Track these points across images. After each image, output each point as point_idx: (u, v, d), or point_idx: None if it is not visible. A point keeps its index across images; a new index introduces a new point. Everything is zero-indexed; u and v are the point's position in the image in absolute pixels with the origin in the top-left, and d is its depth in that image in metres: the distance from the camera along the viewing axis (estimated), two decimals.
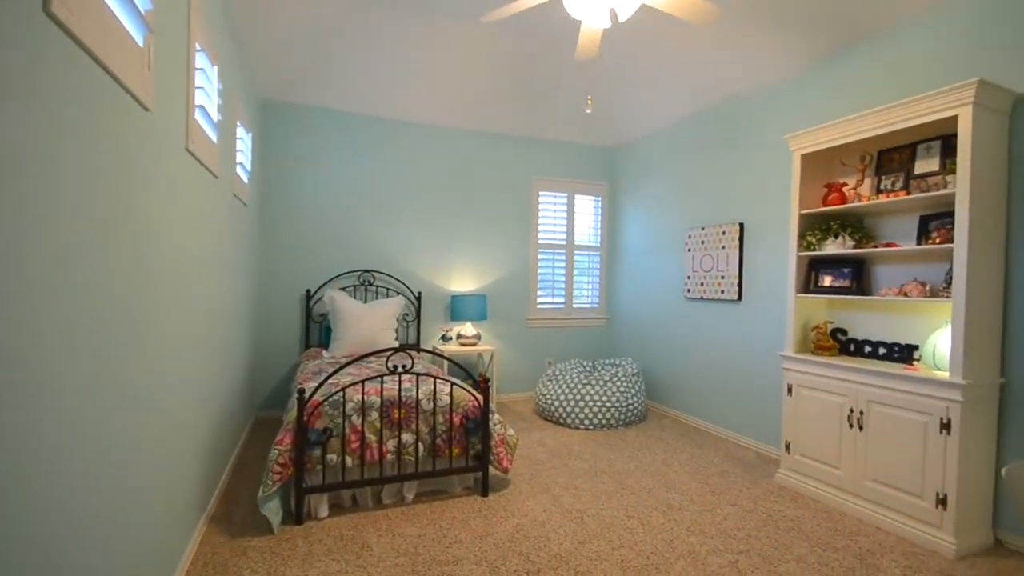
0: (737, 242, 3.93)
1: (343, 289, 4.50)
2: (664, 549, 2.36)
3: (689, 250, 4.43)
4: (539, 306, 5.39)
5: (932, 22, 2.79)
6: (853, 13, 2.97)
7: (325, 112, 4.50)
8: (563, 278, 5.50)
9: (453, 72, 4.19)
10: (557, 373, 4.57)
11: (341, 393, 2.64)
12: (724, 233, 4.05)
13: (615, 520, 2.64)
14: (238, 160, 3.24)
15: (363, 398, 2.67)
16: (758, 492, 3.02)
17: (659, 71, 4.07)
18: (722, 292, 4.06)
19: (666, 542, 2.43)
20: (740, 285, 3.92)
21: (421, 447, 2.77)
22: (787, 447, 3.11)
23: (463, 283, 5.05)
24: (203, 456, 2.43)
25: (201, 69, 2.25)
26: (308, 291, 4.43)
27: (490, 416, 2.97)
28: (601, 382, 4.31)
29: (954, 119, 2.42)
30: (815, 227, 3.14)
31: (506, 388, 5.23)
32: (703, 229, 4.28)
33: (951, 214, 2.53)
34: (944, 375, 2.42)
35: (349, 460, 2.60)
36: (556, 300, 5.49)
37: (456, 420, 2.88)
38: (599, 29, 2.59)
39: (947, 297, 2.49)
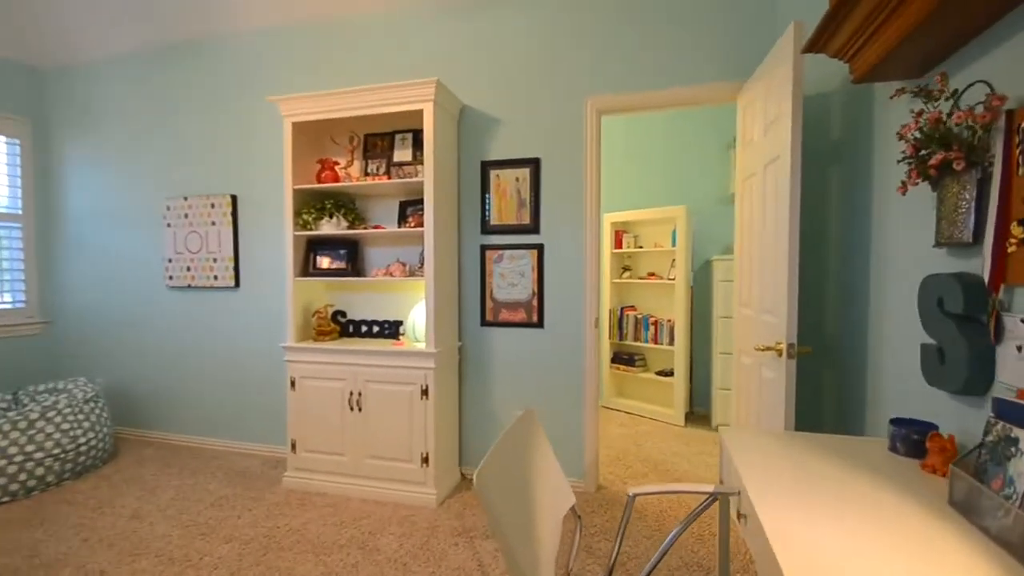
0: (230, 218, 3.29)
1: None
2: None
3: (170, 225, 3.43)
4: None
5: (398, 26, 2.99)
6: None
7: None
8: None
9: None
10: None
11: None
12: (214, 206, 3.32)
13: None
14: None
15: None
16: (261, 511, 2.58)
17: None
18: (215, 278, 3.34)
19: None
20: (237, 269, 3.31)
21: None
22: (293, 446, 2.80)
23: None
24: None
25: None
26: None
27: None
28: (24, 424, 2.77)
29: (421, 114, 2.63)
30: (311, 205, 2.91)
31: None
32: (187, 200, 3.39)
33: (422, 201, 2.79)
34: (422, 346, 2.66)
35: None
36: None
37: None
38: None
39: (421, 276, 2.75)
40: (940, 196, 1.34)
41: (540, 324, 2.80)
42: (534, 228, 2.78)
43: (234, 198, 3.29)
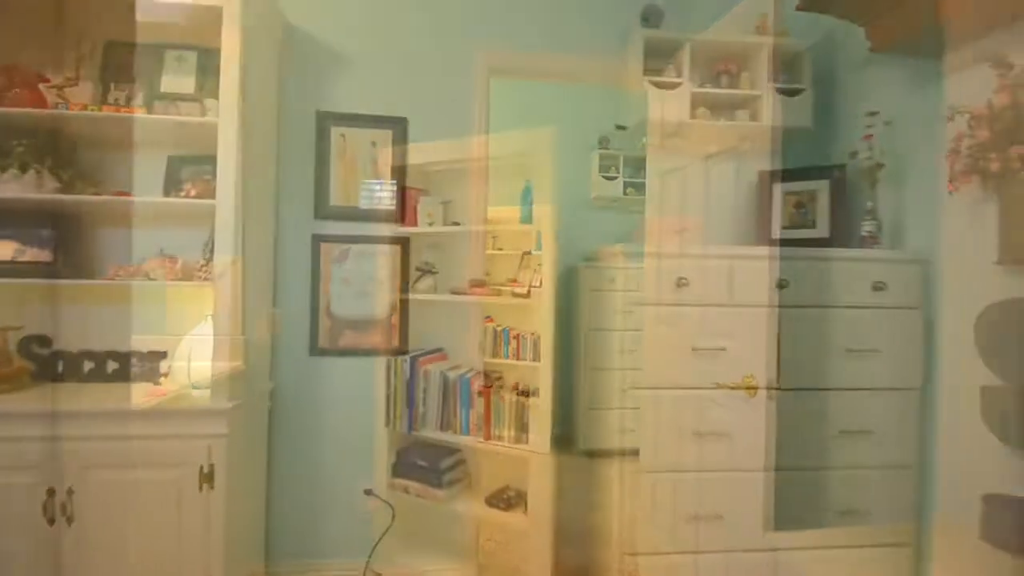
0: None
1: None
2: None
3: None
4: None
5: None
6: None
7: None
8: None
9: None
10: None
11: None
12: None
13: None
14: None
15: None
16: None
17: None
18: None
19: None
20: None
21: None
22: None
23: None
24: None
25: None
26: None
27: None
28: None
29: (214, 19, 1.60)
30: None
31: None
32: None
33: (212, 159, 1.72)
34: (204, 397, 1.60)
35: None
36: None
37: None
38: None
39: (206, 278, 1.68)
40: (1012, 197, 1.00)
41: (403, 350, 1.97)
42: (398, 215, 1.95)
43: None
